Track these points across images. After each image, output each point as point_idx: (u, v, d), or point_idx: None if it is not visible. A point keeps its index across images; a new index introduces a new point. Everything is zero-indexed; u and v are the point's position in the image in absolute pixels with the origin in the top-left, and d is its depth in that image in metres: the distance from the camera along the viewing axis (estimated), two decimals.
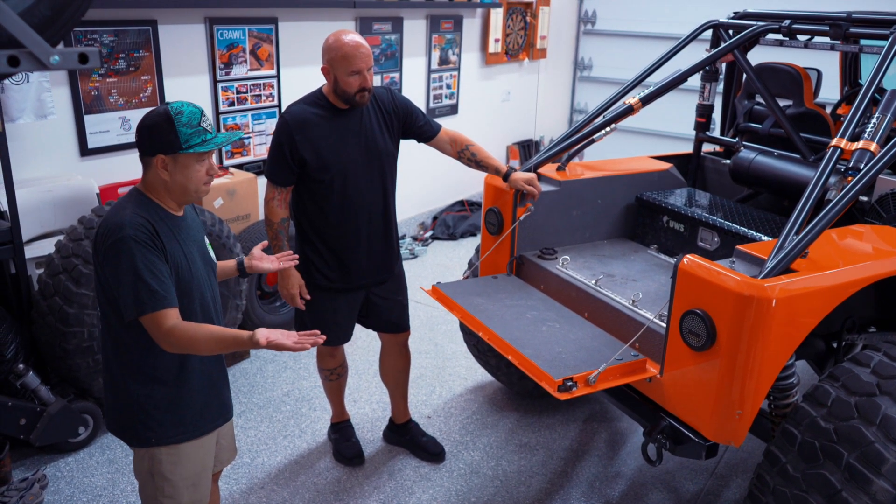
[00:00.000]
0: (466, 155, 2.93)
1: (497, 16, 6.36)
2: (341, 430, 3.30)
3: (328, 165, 2.67)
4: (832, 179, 2.38)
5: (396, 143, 2.85)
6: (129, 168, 3.90)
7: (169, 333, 1.84)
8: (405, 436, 3.31)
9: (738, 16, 3.52)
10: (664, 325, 2.29)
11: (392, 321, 3.04)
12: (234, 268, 2.31)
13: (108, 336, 1.98)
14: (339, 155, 2.68)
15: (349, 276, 2.84)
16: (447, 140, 2.92)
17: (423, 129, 2.88)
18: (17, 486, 2.88)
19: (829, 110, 3.84)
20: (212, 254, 2.12)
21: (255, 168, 4.59)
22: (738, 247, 2.29)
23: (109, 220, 1.87)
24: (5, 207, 3.04)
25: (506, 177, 2.89)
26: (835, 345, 2.64)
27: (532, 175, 2.89)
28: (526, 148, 7.32)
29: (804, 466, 2.04)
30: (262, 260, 2.32)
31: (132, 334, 1.92)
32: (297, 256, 2.44)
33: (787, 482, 2.06)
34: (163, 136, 1.86)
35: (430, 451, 3.24)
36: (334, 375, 3.16)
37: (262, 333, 1.82)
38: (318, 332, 1.91)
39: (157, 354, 1.95)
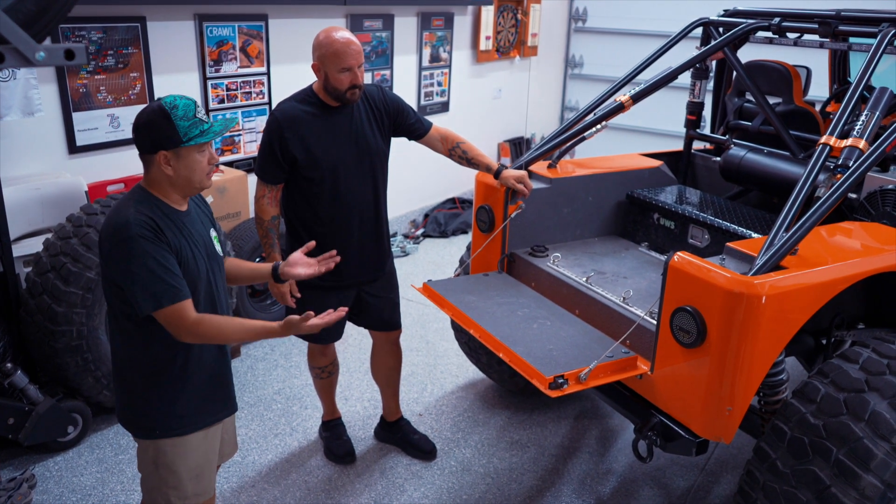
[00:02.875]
0: (457, 153, 2.93)
1: (488, 13, 6.35)
2: (332, 429, 3.30)
3: (318, 163, 2.66)
4: (821, 177, 2.39)
5: (387, 141, 2.84)
6: (118, 166, 3.88)
7: (197, 324, 1.88)
8: (396, 434, 3.31)
9: (728, 13, 3.53)
10: (655, 322, 2.29)
11: (383, 319, 3.03)
12: (267, 272, 2.27)
13: (115, 331, 2.01)
14: (329, 153, 2.67)
15: (340, 275, 2.83)
16: (438, 138, 2.92)
17: (413, 126, 2.87)
18: (5, 485, 2.86)
19: (818, 108, 3.87)
20: (218, 248, 2.12)
21: (246, 165, 4.57)
22: (728, 244, 2.29)
23: (113, 219, 1.89)
24: None
25: (497, 174, 2.89)
26: (824, 341, 2.65)
27: (523, 173, 2.88)
28: (517, 145, 7.32)
29: (793, 462, 2.04)
30: (296, 265, 2.24)
31: (135, 328, 1.94)
32: (338, 258, 2.32)
33: (776, 478, 2.07)
34: (162, 131, 1.86)
35: (421, 448, 3.24)
36: (325, 373, 3.15)
37: (295, 319, 1.93)
38: (312, 314, 1.98)
39: (157, 348, 1.96)
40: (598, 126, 3.16)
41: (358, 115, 2.72)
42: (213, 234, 2.12)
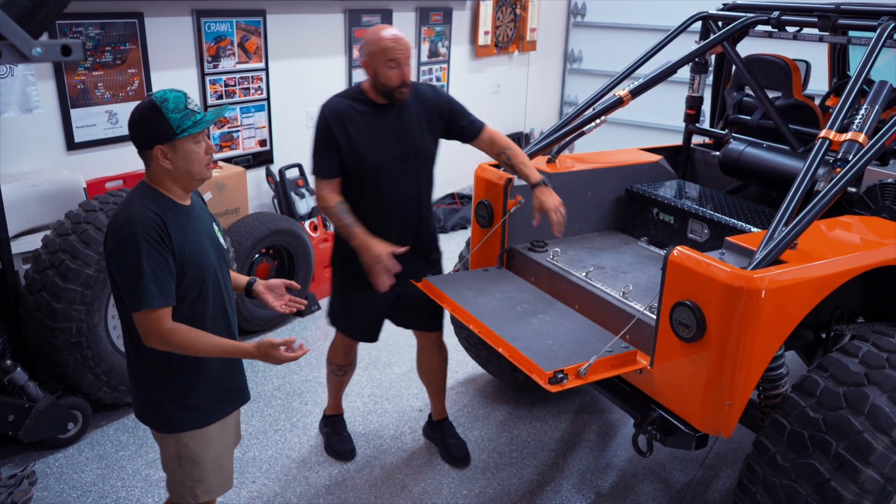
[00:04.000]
0: (503, 158, 2.84)
1: (487, 8, 6.33)
2: (333, 424, 3.30)
3: (361, 161, 2.63)
4: (821, 171, 2.39)
5: (436, 142, 2.79)
6: (116, 162, 3.87)
7: (169, 333, 1.88)
8: (436, 433, 3.30)
9: (727, 7, 3.52)
10: (654, 316, 2.29)
11: (423, 320, 3.00)
12: (242, 285, 2.29)
13: (126, 328, 2.01)
14: (374, 151, 2.64)
15: None
16: (487, 141, 2.84)
17: (466, 129, 2.81)
18: (5, 482, 2.86)
19: (817, 102, 3.86)
20: (222, 241, 2.13)
21: (245, 162, 4.56)
22: (727, 238, 2.29)
23: (119, 215, 1.90)
24: None
25: (533, 187, 2.77)
26: (823, 335, 2.65)
27: (557, 201, 2.71)
28: (516, 140, 7.28)
29: (793, 456, 2.05)
30: (269, 292, 2.27)
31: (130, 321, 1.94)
32: (302, 305, 2.30)
33: (776, 472, 2.08)
34: (155, 126, 1.87)
35: (452, 455, 3.21)
36: (341, 371, 3.15)
37: (277, 342, 1.92)
38: (294, 340, 1.98)
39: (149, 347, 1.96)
40: (598, 121, 3.15)
41: (407, 114, 2.68)
42: (215, 227, 2.13)
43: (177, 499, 2.14)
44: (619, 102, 3.18)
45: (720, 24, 3.44)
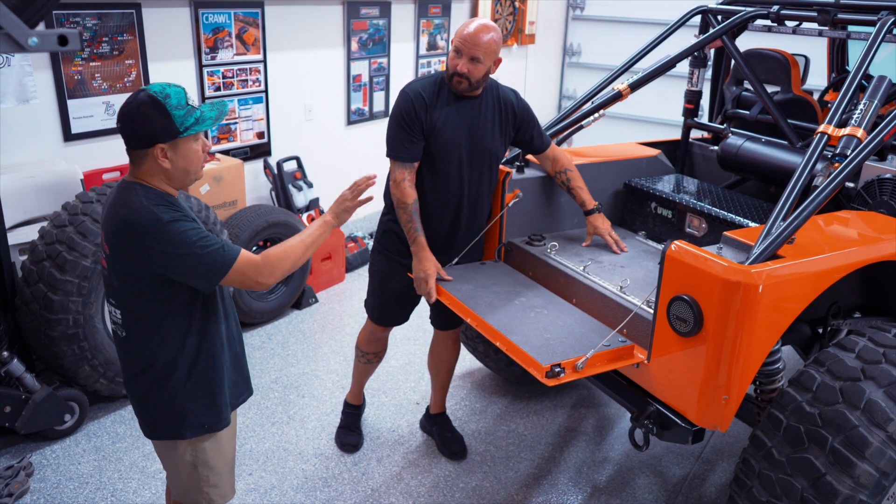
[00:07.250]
0: (562, 178, 2.91)
1: (486, 1, 6.31)
2: (347, 416, 3.30)
3: (442, 146, 2.64)
4: (819, 166, 2.39)
5: (505, 146, 2.81)
6: (113, 153, 3.86)
7: (265, 263, 1.89)
8: (433, 427, 3.31)
9: (726, 1, 3.51)
10: (652, 311, 2.29)
11: (449, 317, 2.97)
12: None
13: (147, 338, 1.89)
14: (455, 139, 2.65)
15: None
16: (550, 158, 2.89)
17: (532, 142, 2.84)
18: (2, 473, 2.86)
19: (816, 97, 3.86)
20: None
21: (242, 154, 4.55)
22: (725, 233, 2.29)
23: (132, 218, 1.78)
24: None
25: (588, 213, 2.92)
26: (820, 330, 2.66)
27: (609, 226, 2.94)
28: None
29: (789, 450, 2.05)
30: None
31: (172, 321, 1.88)
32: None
33: (772, 466, 2.08)
34: (157, 124, 1.77)
35: (449, 448, 3.22)
36: (364, 359, 3.15)
37: (339, 206, 2.12)
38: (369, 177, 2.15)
39: (176, 347, 1.89)
40: (596, 115, 3.15)
41: (485, 110, 2.69)
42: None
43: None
44: (618, 96, 3.17)
45: (719, 18, 3.44)
